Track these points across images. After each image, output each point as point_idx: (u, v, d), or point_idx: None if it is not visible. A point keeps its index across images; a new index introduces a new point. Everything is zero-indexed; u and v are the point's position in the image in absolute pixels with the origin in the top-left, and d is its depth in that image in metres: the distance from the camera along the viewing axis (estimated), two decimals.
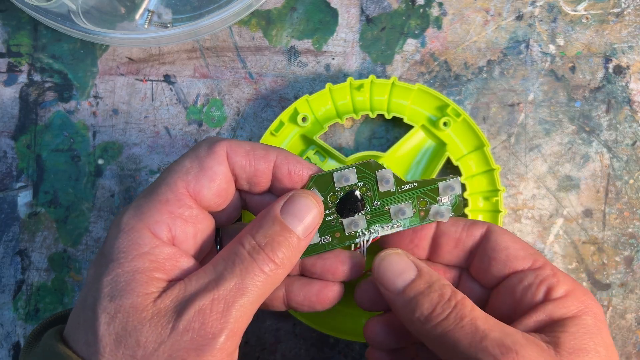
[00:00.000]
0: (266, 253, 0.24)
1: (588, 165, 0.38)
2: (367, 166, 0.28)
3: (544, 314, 0.25)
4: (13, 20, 0.39)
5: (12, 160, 0.38)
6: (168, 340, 0.22)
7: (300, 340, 0.38)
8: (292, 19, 0.39)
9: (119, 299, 0.23)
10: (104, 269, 0.24)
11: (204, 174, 0.25)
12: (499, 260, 0.28)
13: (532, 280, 0.27)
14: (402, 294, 0.26)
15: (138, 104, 0.38)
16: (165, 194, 0.25)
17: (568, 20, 0.39)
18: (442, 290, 0.26)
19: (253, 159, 0.26)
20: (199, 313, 0.23)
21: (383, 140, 0.38)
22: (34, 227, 0.38)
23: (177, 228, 0.25)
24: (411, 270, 0.27)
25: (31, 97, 0.38)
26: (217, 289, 0.23)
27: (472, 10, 0.39)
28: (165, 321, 0.22)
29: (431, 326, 0.25)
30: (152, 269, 0.23)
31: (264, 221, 0.25)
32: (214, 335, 0.23)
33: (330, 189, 0.28)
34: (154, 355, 0.22)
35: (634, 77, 0.38)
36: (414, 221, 0.29)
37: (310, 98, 0.36)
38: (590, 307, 0.26)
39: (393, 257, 0.27)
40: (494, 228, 0.29)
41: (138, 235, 0.24)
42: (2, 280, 0.38)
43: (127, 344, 0.22)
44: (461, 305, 0.25)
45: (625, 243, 0.38)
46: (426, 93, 0.36)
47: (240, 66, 0.39)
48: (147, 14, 0.38)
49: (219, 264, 0.24)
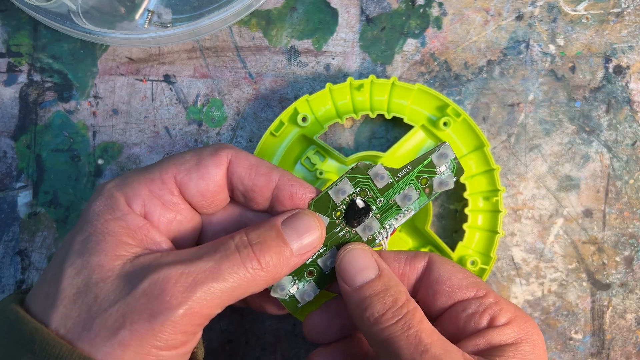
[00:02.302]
0: (254, 251, 0.24)
1: (588, 165, 0.38)
2: (357, 171, 0.28)
3: (483, 339, 0.26)
4: (13, 20, 0.39)
5: (12, 160, 0.38)
6: (124, 299, 0.22)
7: (300, 340, 0.37)
8: (292, 19, 0.39)
9: (87, 255, 0.23)
10: (77, 229, 0.24)
11: (197, 170, 0.26)
12: (443, 292, 0.28)
13: (475, 308, 0.27)
14: (358, 290, 0.27)
15: (138, 104, 0.38)
16: (152, 174, 0.25)
17: (568, 20, 0.39)
18: (397, 296, 0.26)
19: (254, 174, 0.26)
20: (162, 280, 0.22)
21: (383, 140, 0.38)
22: (34, 227, 0.38)
23: (151, 206, 0.25)
24: (372, 269, 0.27)
25: (31, 97, 0.38)
26: (189, 265, 0.23)
27: (472, 10, 0.39)
28: (127, 281, 0.22)
29: (379, 328, 0.25)
30: (123, 233, 0.24)
31: (261, 225, 0.25)
32: (171, 306, 0.22)
33: (332, 206, 0.28)
34: (107, 312, 0.22)
35: (634, 77, 0.38)
36: (422, 200, 0.29)
37: (310, 98, 0.36)
38: (530, 334, 0.26)
39: (357, 252, 0.28)
40: (435, 259, 0.29)
41: (114, 201, 0.25)
42: (2, 280, 0.38)
43: (85, 299, 0.22)
44: (411, 314, 0.25)
45: (625, 243, 0.38)
46: (426, 93, 0.36)
47: (240, 66, 0.39)
48: (147, 14, 0.38)
49: (202, 248, 0.24)
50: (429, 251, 0.31)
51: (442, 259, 0.29)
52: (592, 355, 0.38)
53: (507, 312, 0.27)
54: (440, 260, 0.29)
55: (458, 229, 0.37)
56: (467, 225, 0.36)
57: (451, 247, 0.36)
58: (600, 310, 0.38)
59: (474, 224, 0.36)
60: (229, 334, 0.38)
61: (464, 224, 0.36)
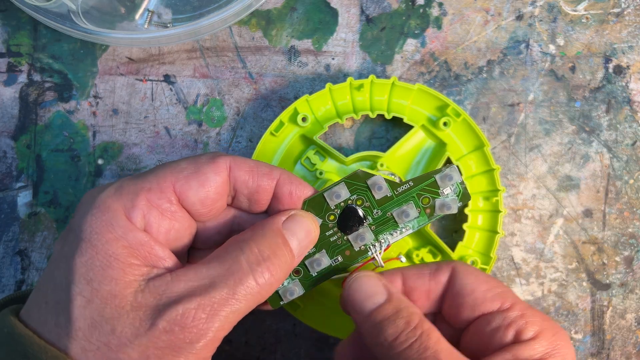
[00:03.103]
0: (267, 266, 0.24)
1: (588, 165, 0.38)
2: (355, 177, 0.28)
3: (509, 355, 0.25)
4: (13, 20, 0.39)
5: (12, 160, 0.38)
6: (145, 335, 0.22)
7: (300, 340, 0.37)
8: (292, 19, 0.39)
9: (96, 283, 0.22)
10: (74, 247, 0.23)
11: (196, 177, 0.25)
12: (467, 305, 0.27)
13: (500, 322, 0.26)
14: (369, 317, 0.26)
15: (138, 104, 0.38)
16: (149, 182, 0.24)
17: (568, 20, 0.39)
18: (409, 318, 0.25)
19: (256, 176, 0.26)
20: (182, 316, 0.22)
21: (383, 140, 0.38)
22: (34, 227, 0.38)
23: (151, 217, 0.24)
24: (381, 294, 0.26)
25: (31, 97, 0.38)
26: (205, 295, 0.23)
27: (472, 10, 0.39)
28: (145, 316, 0.22)
29: (394, 353, 0.25)
30: (127, 254, 0.23)
31: (266, 230, 0.25)
32: (192, 340, 0.22)
33: (326, 209, 0.28)
34: (128, 347, 0.22)
35: (634, 77, 0.38)
36: (422, 220, 0.28)
37: (310, 98, 0.36)
38: (559, 348, 0.25)
39: (364, 280, 0.27)
40: (459, 269, 0.28)
41: (112, 215, 0.23)
42: (2, 280, 0.38)
43: (102, 331, 0.22)
44: (426, 335, 0.25)
45: (625, 243, 0.38)
46: (426, 93, 0.36)
47: (240, 66, 0.39)
48: (147, 14, 0.38)
49: (212, 267, 0.24)
50: (452, 260, 0.30)
51: (466, 269, 0.28)
52: (592, 355, 0.38)
53: (533, 324, 0.26)
54: (464, 270, 0.28)
55: (458, 229, 0.37)
56: (467, 225, 0.36)
57: (451, 247, 0.36)
58: (600, 310, 0.38)
59: (474, 224, 0.36)
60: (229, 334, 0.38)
61: (464, 224, 0.36)
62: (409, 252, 0.36)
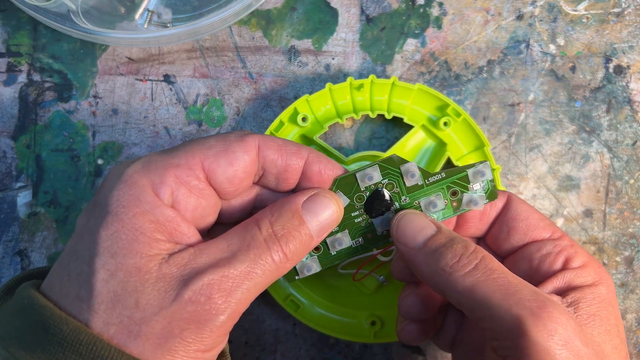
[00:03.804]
0: (280, 245, 0.24)
1: (588, 165, 0.38)
2: (390, 162, 0.27)
3: (562, 281, 0.26)
4: (13, 20, 0.39)
5: (11, 160, 0.38)
6: (170, 307, 0.22)
7: (300, 340, 0.37)
8: (292, 19, 0.39)
9: (121, 256, 0.22)
10: (100, 220, 0.23)
11: (225, 156, 0.25)
12: (519, 229, 0.28)
13: (550, 249, 0.28)
14: (423, 248, 0.26)
15: (138, 103, 0.38)
16: (178, 159, 0.24)
17: (568, 20, 0.39)
18: (465, 243, 0.26)
19: (285, 154, 0.26)
20: (207, 287, 0.22)
21: (383, 140, 0.38)
22: (34, 227, 0.38)
23: (179, 194, 0.24)
24: (430, 227, 0.27)
25: (31, 97, 0.38)
26: (228, 267, 0.23)
27: (472, 10, 0.39)
28: (170, 287, 0.22)
29: (459, 276, 0.24)
30: (153, 229, 0.23)
31: (283, 211, 0.25)
32: (217, 312, 0.22)
33: (355, 189, 0.27)
34: (152, 320, 0.22)
35: (634, 77, 0.38)
36: (447, 213, 0.29)
37: (310, 98, 0.36)
38: (604, 278, 0.27)
39: (411, 216, 0.27)
40: (514, 197, 0.29)
41: (140, 191, 0.23)
42: (2, 280, 0.38)
43: (126, 304, 0.22)
44: (490, 259, 0.25)
45: (626, 243, 0.38)
46: (426, 93, 0.36)
47: (240, 66, 0.39)
48: (146, 14, 0.38)
49: (232, 242, 0.24)
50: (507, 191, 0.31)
51: (520, 199, 0.29)
52: None
53: (581, 255, 0.27)
54: (519, 199, 0.29)
55: None
56: None
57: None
58: None
59: None
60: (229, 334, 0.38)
61: None
62: None
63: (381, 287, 0.36)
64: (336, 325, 0.36)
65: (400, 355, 0.37)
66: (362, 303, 0.36)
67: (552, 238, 0.28)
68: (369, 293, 0.36)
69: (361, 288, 0.36)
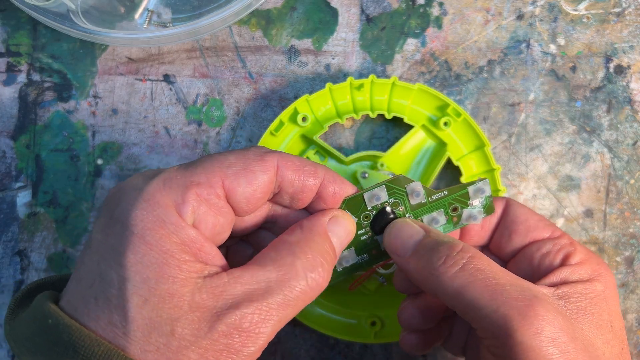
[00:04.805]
0: (318, 272, 0.24)
1: (589, 165, 0.38)
2: (397, 182, 0.28)
3: (559, 277, 0.27)
4: (12, 20, 0.39)
5: (11, 160, 0.38)
6: (205, 338, 0.22)
7: (300, 340, 0.37)
8: (292, 19, 0.39)
9: (153, 282, 0.22)
10: (123, 241, 0.22)
11: (245, 175, 0.25)
12: (520, 231, 0.29)
13: (550, 248, 0.28)
14: (413, 255, 0.27)
15: (137, 103, 0.38)
16: (198, 176, 0.24)
17: (569, 19, 0.39)
18: (450, 244, 0.26)
19: (302, 175, 0.26)
20: (240, 320, 0.22)
21: (383, 140, 0.38)
22: (33, 227, 0.38)
23: (200, 212, 0.24)
24: (418, 233, 0.27)
25: (30, 97, 0.38)
26: (263, 301, 0.23)
27: (472, 10, 0.39)
28: (204, 318, 0.22)
29: (447, 278, 0.25)
30: (180, 250, 0.23)
31: (315, 235, 0.25)
32: (247, 344, 0.22)
33: (362, 209, 0.28)
34: (188, 349, 0.22)
35: (634, 76, 0.38)
36: (447, 228, 0.29)
37: (310, 98, 0.36)
38: (602, 275, 0.27)
39: (400, 225, 0.28)
40: (511, 202, 0.30)
41: (163, 211, 0.23)
42: (2, 280, 0.38)
43: (161, 332, 0.22)
44: (478, 258, 0.25)
45: (626, 243, 0.38)
46: (426, 93, 0.36)
47: (240, 66, 0.38)
48: (146, 14, 0.38)
49: (268, 271, 0.24)
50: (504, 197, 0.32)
51: (519, 203, 0.30)
52: None
53: (580, 252, 0.28)
54: (517, 203, 0.30)
55: None
56: None
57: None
58: None
59: None
60: None
61: None
62: None
63: (381, 287, 0.36)
64: (336, 326, 0.36)
65: (401, 356, 0.37)
66: (362, 303, 0.36)
67: (551, 237, 0.29)
68: (369, 293, 0.36)
69: (361, 288, 0.36)
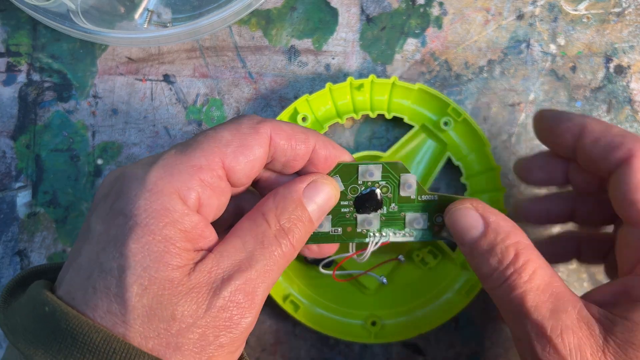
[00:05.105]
0: (288, 237, 0.25)
1: None
2: (394, 166, 0.28)
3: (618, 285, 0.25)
4: (12, 20, 0.39)
5: (11, 160, 0.38)
6: (204, 317, 0.22)
7: (300, 341, 0.37)
8: (292, 19, 0.39)
9: (153, 270, 0.22)
10: (125, 231, 0.22)
11: (243, 152, 0.24)
12: (602, 159, 0.27)
13: None
14: (469, 250, 0.27)
15: (137, 103, 0.38)
16: (199, 160, 0.24)
17: (569, 19, 0.39)
18: (502, 255, 0.25)
19: (295, 143, 0.26)
20: (235, 293, 0.23)
21: (383, 140, 0.38)
22: (33, 227, 0.38)
23: (204, 197, 0.24)
24: (476, 228, 0.26)
25: (30, 97, 0.38)
26: (249, 270, 0.23)
27: (472, 10, 0.39)
28: (202, 297, 0.22)
29: (488, 288, 0.26)
30: (180, 238, 0.23)
31: (287, 202, 0.25)
32: (244, 315, 0.23)
33: (353, 180, 0.28)
34: (189, 331, 0.22)
35: (634, 76, 0.38)
36: (426, 235, 0.29)
37: (310, 98, 0.36)
38: None
39: (461, 212, 0.27)
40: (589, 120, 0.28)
41: (168, 200, 0.23)
42: (2, 280, 0.38)
43: (162, 317, 0.22)
44: (517, 274, 0.25)
45: None
46: (427, 93, 0.36)
47: (240, 66, 0.38)
48: (146, 14, 0.38)
49: (247, 241, 0.24)
50: None
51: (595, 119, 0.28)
52: None
53: None
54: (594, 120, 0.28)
55: None
56: None
57: (452, 248, 0.36)
58: None
59: None
60: None
61: None
62: (409, 251, 0.36)
63: (381, 287, 0.36)
64: (336, 326, 0.36)
65: (401, 356, 0.37)
66: (362, 303, 0.36)
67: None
68: (369, 293, 0.36)
69: (361, 288, 0.36)
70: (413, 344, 0.37)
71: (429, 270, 0.36)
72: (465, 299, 0.35)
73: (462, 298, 0.35)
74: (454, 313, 0.35)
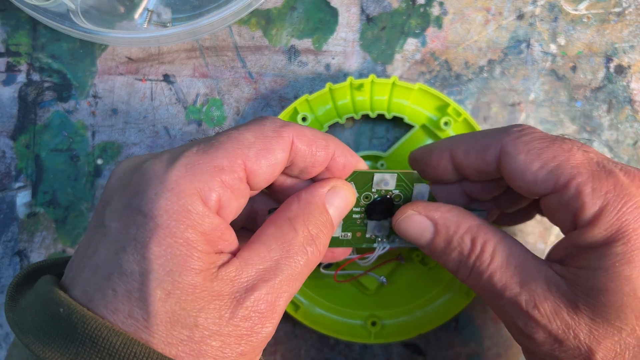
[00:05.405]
0: (317, 246, 0.25)
1: None
2: (409, 176, 0.28)
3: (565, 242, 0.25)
4: (12, 20, 0.39)
5: (11, 160, 0.38)
6: (227, 325, 0.22)
7: (300, 341, 0.37)
8: (292, 19, 0.39)
9: (177, 274, 0.21)
10: (146, 232, 0.21)
11: (265, 156, 0.24)
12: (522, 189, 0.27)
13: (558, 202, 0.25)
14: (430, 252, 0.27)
15: (137, 103, 0.38)
16: (220, 160, 0.23)
17: (569, 19, 0.38)
18: (460, 246, 0.26)
19: (315, 149, 0.26)
20: (257, 303, 0.23)
21: (383, 140, 0.38)
22: (33, 228, 0.38)
23: (225, 199, 0.23)
24: (428, 228, 0.27)
25: (30, 97, 0.38)
26: (274, 280, 0.23)
27: (472, 10, 0.39)
28: (225, 306, 0.22)
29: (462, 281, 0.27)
30: (202, 241, 0.22)
31: (312, 208, 0.25)
32: (264, 325, 0.23)
33: (367, 188, 0.28)
34: (211, 338, 0.22)
35: (635, 76, 0.38)
36: None
37: (310, 98, 0.36)
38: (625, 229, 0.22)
39: (406, 221, 0.28)
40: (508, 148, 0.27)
41: (189, 201, 0.22)
42: (1, 280, 0.38)
43: (185, 324, 0.21)
44: (479, 261, 0.25)
45: None
46: (427, 93, 0.36)
47: (240, 66, 0.38)
48: (146, 13, 0.38)
49: (273, 248, 0.24)
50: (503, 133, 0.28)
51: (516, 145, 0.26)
52: None
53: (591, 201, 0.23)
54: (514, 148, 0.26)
55: None
56: None
57: None
58: None
59: None
60: None
61: None
62: (409, 251, 0.36)
63: (381, 288, 0.36)
64: (336, 326, 0.36)
65: (401, 356, 0.37)
66: (362, 303, 0.36)
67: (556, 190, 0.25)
68: (369, 293, 0.36)
69: (361, 288, 0.36)
70: (413, 344, 0.37)
71: (429, 270, 0.36)
72: (465, 299, 0.35)
73: (462, 298, 0.35)
74: (454, 313, 0.35)
